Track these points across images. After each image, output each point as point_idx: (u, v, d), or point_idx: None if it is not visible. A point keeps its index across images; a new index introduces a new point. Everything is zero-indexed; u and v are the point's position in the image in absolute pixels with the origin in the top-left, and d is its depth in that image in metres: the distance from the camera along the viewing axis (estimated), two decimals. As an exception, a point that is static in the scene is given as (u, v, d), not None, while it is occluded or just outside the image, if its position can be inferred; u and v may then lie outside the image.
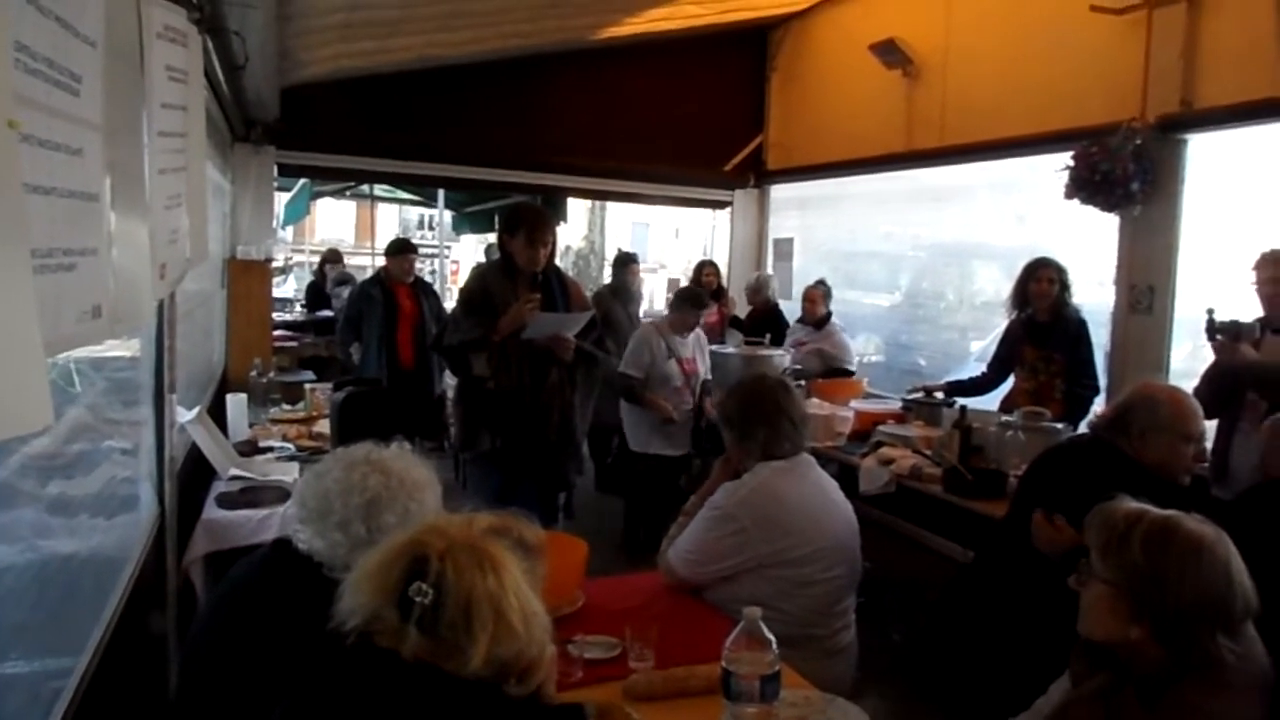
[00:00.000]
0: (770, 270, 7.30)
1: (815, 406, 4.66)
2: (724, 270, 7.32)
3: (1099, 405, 4.17)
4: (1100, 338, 4.40)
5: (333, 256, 10.01)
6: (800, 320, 6.11)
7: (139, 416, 2.77)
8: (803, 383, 5.15)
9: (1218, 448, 3.46)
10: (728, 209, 7.75)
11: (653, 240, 25.42)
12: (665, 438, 5.14)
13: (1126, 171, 4.09)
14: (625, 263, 6.85)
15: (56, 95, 1.20)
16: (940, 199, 6.02)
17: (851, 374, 5.72)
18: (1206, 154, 4.19)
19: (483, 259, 11.06)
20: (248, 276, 5.85)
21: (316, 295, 9.45)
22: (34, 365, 0.88)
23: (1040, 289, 4.29)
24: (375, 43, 5.28)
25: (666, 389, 5.11)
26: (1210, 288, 4.01)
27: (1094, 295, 4.55)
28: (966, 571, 3.25)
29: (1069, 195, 4.36)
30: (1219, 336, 3.35)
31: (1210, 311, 3.40)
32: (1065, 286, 4.29)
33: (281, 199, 10.02)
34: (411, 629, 1.18)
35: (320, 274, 9.75)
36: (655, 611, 2.36)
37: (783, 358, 5.57)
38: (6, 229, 0.85)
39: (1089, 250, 4.66)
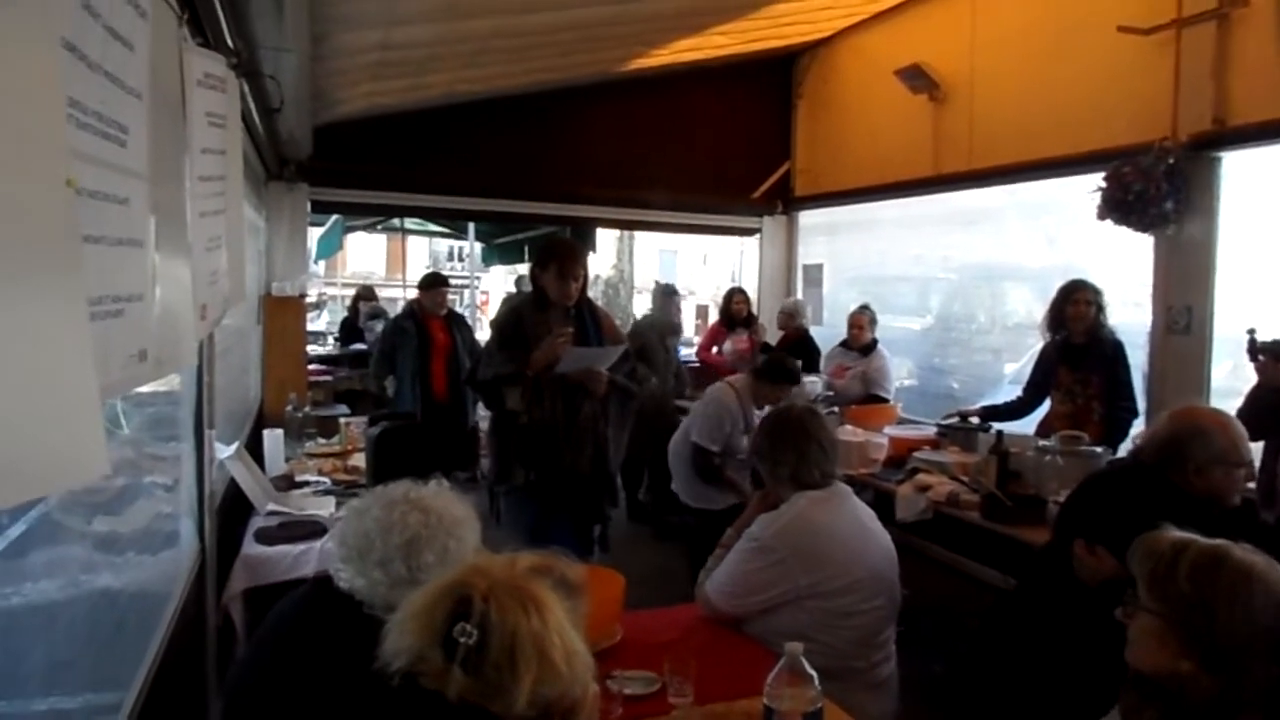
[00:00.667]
0: (800, 296, 7.29)
1: (849, 433, 4.63)
2: (754, 297, 7.32)
3: (1139, 427, 4.11)
4: (1137, 359, 4.34)
5: (366, 294, 10.14)
6: (844, 345, 6.08)
7: (179, 452, 2.81)
8: (836, 409, 5.12)
9: (1265, 470, 3.39)
10: (756, 236, 7.77)
11: (681, 267, 25.52)
12: (724, 493, 4.65)
13: (1160, 191, 4.06)
14: (669, 294, 6.73)
15: (106, 147, 1.24)
16: (969, 222, 6.01)
17: (886, 401, 5.69)
18: (1241, 171, 4.15)
19: (513, 289, 11.13)
20: (283, 312, 5.93)
21: (350, 330, 9.56)
22: (91, 415, 0.90)
23: (1078, 311, 4.24)
24: (406, 80, 5.36)
25: (732, 460, 4.61)
26: (1250, 306, 3.96)
27: (1129, 316, 4.50)
28: (1008, 600, 3.20)
29: (1102, 216, 4.33)
30: (1261, 356, 3.30)
31: (1251, 331, 3.34)
32: (1101, 308, 4.24)
33: (314, 234, 10.17)
34: (456, 670, 1.18)
35: (354, 309, 9.87)
36: (694, 645, 2.35)
37: (815, 384, 5.55)
38: (67, 283, 0.87)
39: (1122, 271, 4.61)
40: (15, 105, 0.81)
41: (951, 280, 6.48)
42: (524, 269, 12.34)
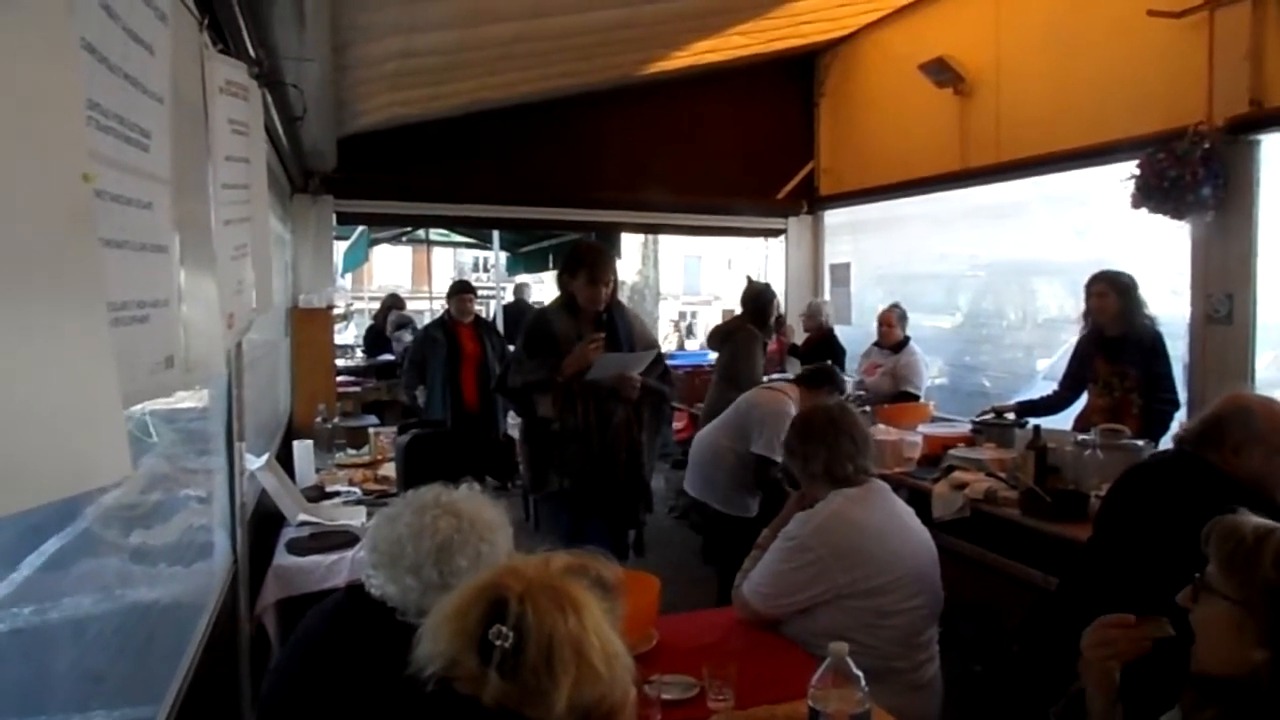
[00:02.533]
0: (828, 296, 7.22)
1: (882, 432, 4.56)
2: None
3: (1180, 420, 4.01)
4: (1177, 349, 4.24)
5: (394, 302, 10.15)
6: (877, 343, 6.02)
7: (211, 466, 2.81)
8: (868, 408, 5.06)
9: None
10: (782, 237, 7.71)
11: (705, 273, 25.47)
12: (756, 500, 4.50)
13: (1196, 176, 3.97)
14: (769, 299, 5.87)
15: (127, 151, 1.22)
16: (996, 217, 5.93)
17: (917, 398, 5.61)
18: (1280, 154, 4.04)
19: (533, 300, 11.00)
20: (310, 324, 5.95)
21: (376, 339, 9.59)
22: (113, 418, 0.88)
23: (1094, 304, 4.17)
24: (427, 89, 5.36)
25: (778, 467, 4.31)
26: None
27: (1166, 305, 4.39)
28: (1050, 598, 3.13)
29: (1136, 204, 4.24)
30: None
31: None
32: (1128, 296, 4.13)
33: (340, 247, 10.22)
34: (492, 674, 1.14)
35: (381, 318, 9.89)
36: (732, 648, 2.30)
37: (844, 384, 5.49)
38: (84, 280, 0.85)
39: (1156, 260, 4.51)
40: (28, 97, 0.79)
41: (980, 277, 6.40)
42: (542, 276, 12.31)
